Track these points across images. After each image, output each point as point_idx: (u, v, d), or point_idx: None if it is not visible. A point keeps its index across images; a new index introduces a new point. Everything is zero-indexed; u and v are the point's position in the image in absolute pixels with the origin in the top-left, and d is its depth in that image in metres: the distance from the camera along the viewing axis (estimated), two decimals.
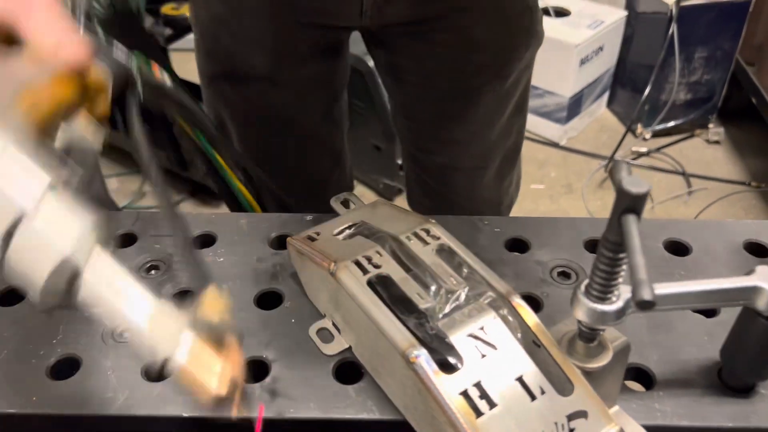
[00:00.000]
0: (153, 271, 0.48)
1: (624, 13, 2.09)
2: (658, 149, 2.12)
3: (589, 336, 0.35)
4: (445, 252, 0.40)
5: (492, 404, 0.33)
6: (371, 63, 1.25)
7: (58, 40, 0.38)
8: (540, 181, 2.01)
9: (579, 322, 0.35)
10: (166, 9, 1.65)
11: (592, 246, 0.48)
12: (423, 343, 0.35)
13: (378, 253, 0.40)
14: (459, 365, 0.35)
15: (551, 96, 2.09)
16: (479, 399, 0.33)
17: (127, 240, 0.51)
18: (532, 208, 1.89)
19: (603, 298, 0.33)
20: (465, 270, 0.39)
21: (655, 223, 0.51)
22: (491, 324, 0.36)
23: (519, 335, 0.36)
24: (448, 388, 0.33)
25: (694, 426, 0.38)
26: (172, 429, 0.39)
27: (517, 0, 0.75)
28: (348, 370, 0.41)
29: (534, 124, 2.10)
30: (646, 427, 0.37)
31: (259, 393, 0.39)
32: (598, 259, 0.32)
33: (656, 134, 2.16)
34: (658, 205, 1.94)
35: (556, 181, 2.01)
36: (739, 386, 0.39)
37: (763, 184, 1.98)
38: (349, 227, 0.45)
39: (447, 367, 0.35)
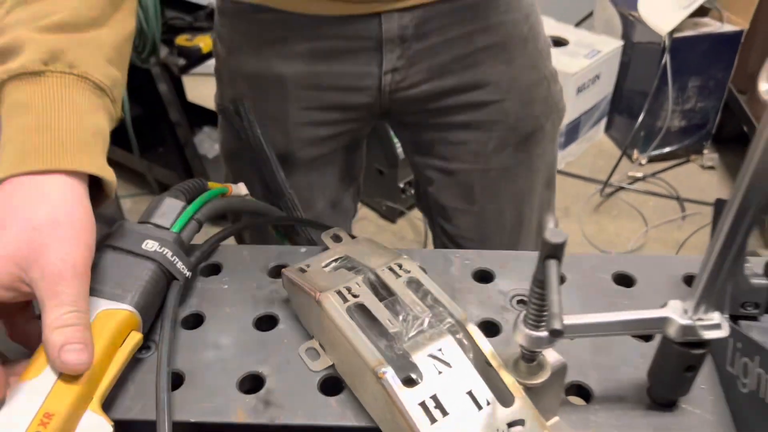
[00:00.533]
0: None
1: (620, 43, 2.16)
2: (653, 174, 2.18)
3: (529, 357, 0.42)
4: (413, 283, 0.47)
5: (445, 413, 0.40)
6: None
7: (65, 341, 0.41)
8: None
9: (520, 345, 0.41)
10: (180, 40, 1.74)
11: None
12: (391, 361, 0.42)
13: (357, 284, 0.47)
14: (419, 380, 0.41)
15: None
16: (434, 409, 0.40)
17: None
18: None
19: (537, 326, 0.40)
20: (429, 299, 0.46)
21: (606, 257, 0.58)
22: (448, 346, 0.43)
23: (471, 356, 0.43)
24: (409, 399, 0.40)
25: None
26: None
27: (532, 70, 0.81)
28: (331, 384, 0.48)
29: None
30: None
31: (255, 403, 0.46)
32: (531, 294, 0.39)
33: (652, 159, 2.23)
34: (652, 229, 2.00)
35: None
36: (663, 402, 0.46)
37: None
38: (335, 260, 0.52)
39: (410, 382, 0.41)
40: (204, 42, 1.71)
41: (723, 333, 0.41)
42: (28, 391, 0.42)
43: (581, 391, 0.47)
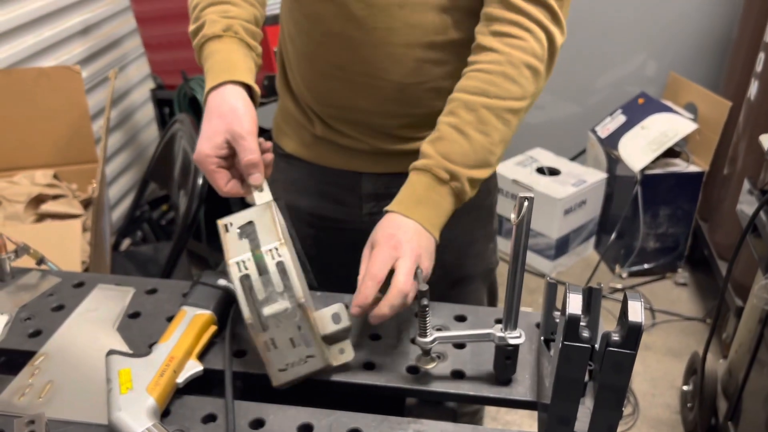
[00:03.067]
0: None
1: (605, 176, 2.59)
2: (632, 287, 2.54)
3: (425, 352, 0.81)
4: (281, 267, 0.82)
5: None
6: None
7: (251, 170, 0.86)
8: (529, 305, 2.44)
9: (417, 344, 0.81)
10: None
11: (457, 317, 0.95)
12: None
13: (249, 259, 0.77)
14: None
15: (542, 237, 2.57)
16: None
17: None
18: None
19: (424, 335, 0.79)
20: (286, 281, 0.76)
21: (490, 310, 0.97)
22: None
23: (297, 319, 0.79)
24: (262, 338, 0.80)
25: (473, 395, 0.82)
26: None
27: (473, 232, 1.18)
28: None
29: (528, 258, 2.57)
30: (455, 395, 0.82)
31: None
32: (418, 319, 0.79)
33: (633, 274, 2.59)
34: None
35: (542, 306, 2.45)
36: (502, 379, 0.84)
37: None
38: (248, 224, 0.81)
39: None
40: None
41: (520, 341, 0.80)
42: (162, 347, 0.82)
43: (460, 374, 0.86)
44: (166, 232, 2.38)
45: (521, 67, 0.87)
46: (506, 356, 0.82)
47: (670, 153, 2.44)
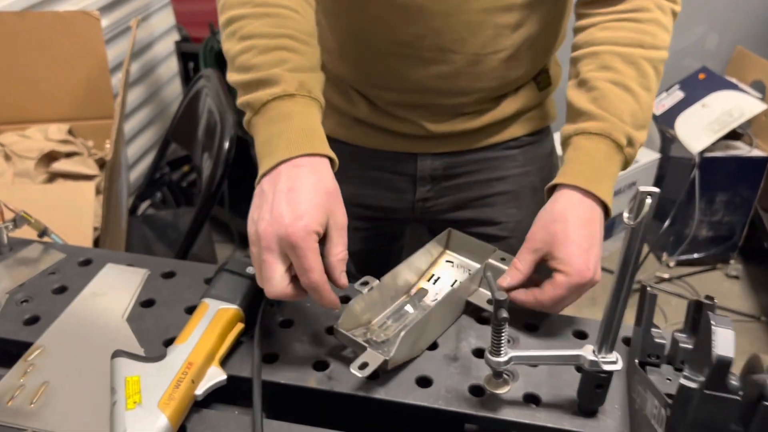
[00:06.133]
0: None
1: (657, 156, 2.41)
2: (679, 277, 2.37)
3: (496, 374, 0.66)
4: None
5: None
6: None
7: (341, 267, 0.68)
8: (577, 309, 2.29)
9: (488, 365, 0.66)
10: None
11: (528, 326, 0.80)
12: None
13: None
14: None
15: None
16: None
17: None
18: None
19: (497, 353, 0.64)
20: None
21: (569, 318, 0.82)
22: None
23: None
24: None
25: (552, 427, 0.68)
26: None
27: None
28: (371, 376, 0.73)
29: None
30: (528, 426, 0.68)
31: (321, 376, 0.72)
32: (491, 333, 0.64)
33: (680, 263, 2.42)
34: (670, 326, 2.18)
35: None
36: (585, 411, 0.69)
37: None
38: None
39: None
40: None
41: (617, 367, 0.65)
42: (179, 350, 0.69)
43: (534, 398, 0.71)
44: (186, 195, 2.25)
45: (668, 13, 0.81)
46: (597, 384, 0.67)
47: (731, 135, 2.25)
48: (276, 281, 0.65)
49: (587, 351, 0.66)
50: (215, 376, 0.68)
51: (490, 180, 1.00)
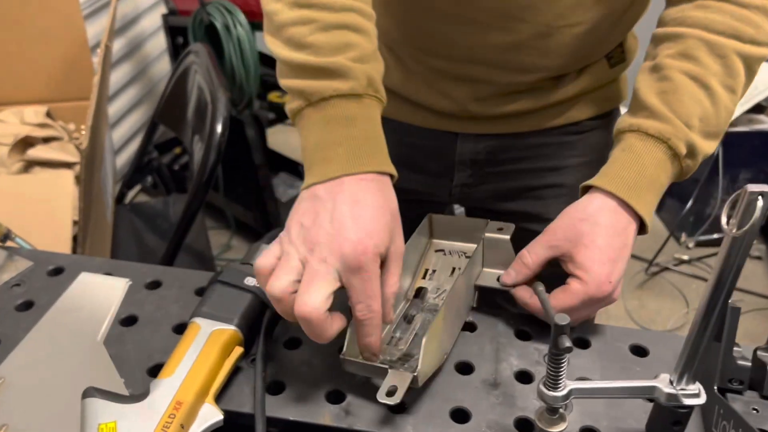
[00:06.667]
0: None
1: None
2: (699, 258, 2.26)
3: (550, 410, 0.55)
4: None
5: None
6: None
7: (393, 300, 0.58)
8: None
9: (542, 401, 0.54)
10: (273, 96, 1.94)
11: (576, 342, 0.68)
12: None
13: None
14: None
15: None
16: None
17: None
18: None
19: (554, 387, 0.52)
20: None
21: (625, 330, 0.70)
22: None
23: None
24: None
25: None
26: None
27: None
28: (397, 407, 0.61)
29: None
30: None
31: (338, 411, 0.60)
32: (548, 362, 0.52)
33: (700, 244, 2.31)
34: (692, 311, 2.07)
35: None
36: None
37: None
38: None
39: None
40: None
41: (700, 401, 0.53)
42: (164, 386, 0.56)
43: None
44: (178, 180, 2.12)
45: None
46: (675, 421, 0.55)
47: (755, 108, 2.12)
48: (319, 300, 0.54)
49: (663, 382, 0.54)
50: (210, 416, 0.56)
51: (542, 170, 0.87)
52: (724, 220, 0.46)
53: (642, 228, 0.67)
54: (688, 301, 2.10)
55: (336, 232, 0.55)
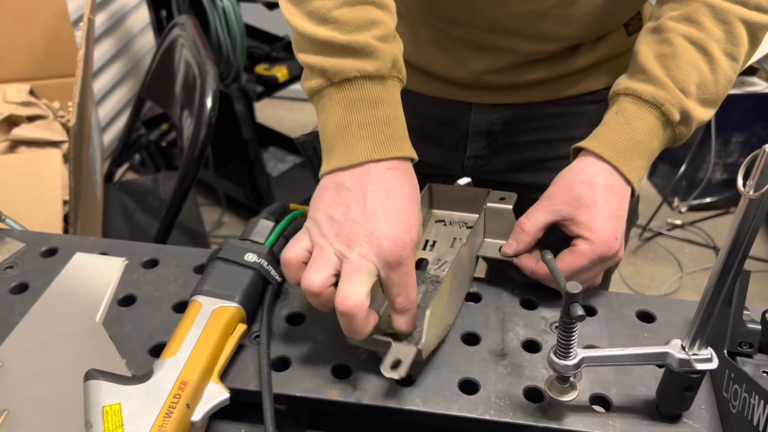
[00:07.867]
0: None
1: None
2: (692, 223, 2.27)
3: (561, 379, 0.54)
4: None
5: None
6: None
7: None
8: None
9: (553, 370, 0.53)
10: (260, 69, 1.91)
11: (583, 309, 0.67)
12: None
13: None
14: None
15: None
16: None
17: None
18: None
19: (565, 356, 0.52)
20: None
21: (631, 297, 0.70)
22: None
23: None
24: None
25: None
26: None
27: None
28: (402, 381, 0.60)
29: None
30: None
31: (345, 386, 0.59)
32: (559, 331, 0.51)
33: (692, 208, 2.31)
34: (686, 275, 2.08)
35: None
36: (668, 416, 0.57)
37: None
38: None
39: None
40: (281, 72, 1.88)
41: (713, 365, 0.52)
42: (168, 365, 0.55)
43: (603, 401, 0.59)
44: (166, 156, 2.09)
45: None
46: (687, 386, 0.54)
47: (747, 71, 2.11)
48: (363, 296, 0.54)
49: (675, 347, 0.53)
50: (216, 395, 0.55)
51: (557, 140, 0.85)
52: (740, 182, 0.45)
53: (631, 192, 0.66)
54: (681, 265, 2.11)
55: (373, 227, 0.54)
